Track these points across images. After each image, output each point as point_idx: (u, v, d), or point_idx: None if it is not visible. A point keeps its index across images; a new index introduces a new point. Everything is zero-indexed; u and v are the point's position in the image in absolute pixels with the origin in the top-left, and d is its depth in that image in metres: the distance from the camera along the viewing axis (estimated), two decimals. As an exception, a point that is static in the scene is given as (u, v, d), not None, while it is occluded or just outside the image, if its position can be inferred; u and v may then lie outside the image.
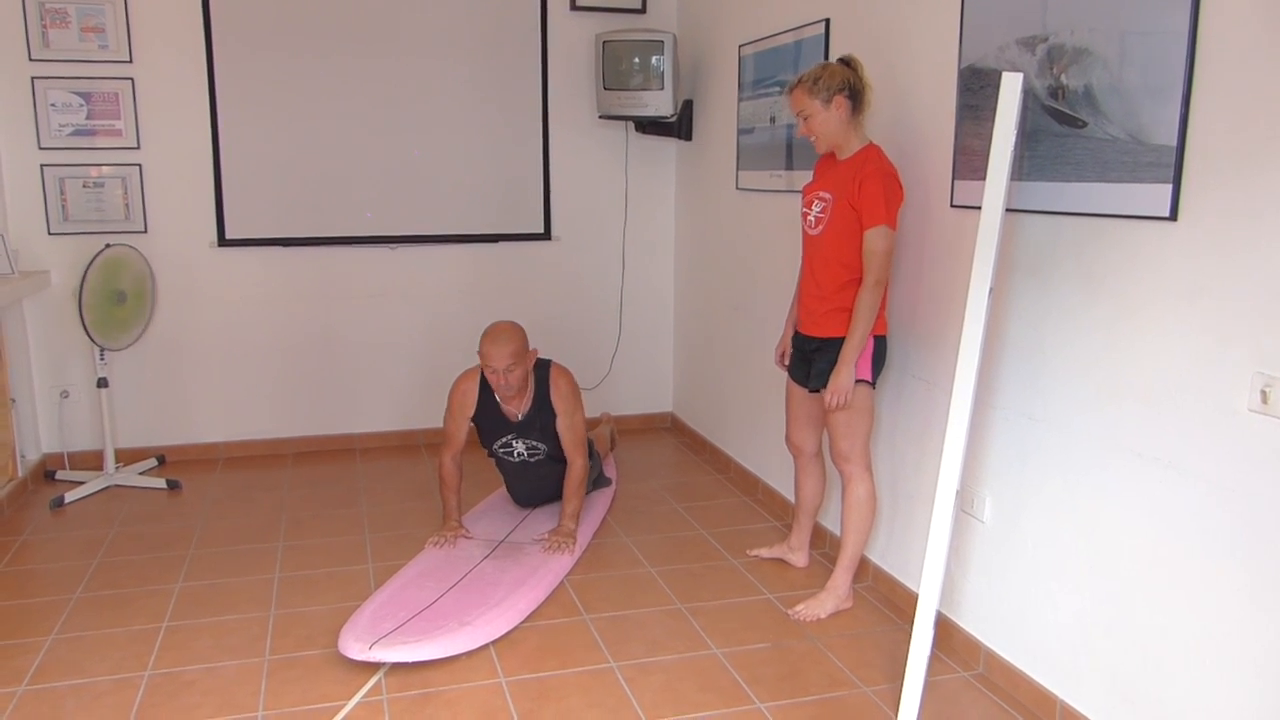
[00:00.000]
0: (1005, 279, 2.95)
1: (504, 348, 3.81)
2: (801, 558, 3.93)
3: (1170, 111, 2.35)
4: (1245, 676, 2.26)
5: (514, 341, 3.84)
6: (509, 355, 3.81)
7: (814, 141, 3.37)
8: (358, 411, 5.63)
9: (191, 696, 2.97)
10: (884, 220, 3.19)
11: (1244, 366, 2.22)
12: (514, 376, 3.84)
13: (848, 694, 3.01)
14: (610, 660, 3.20)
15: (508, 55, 5.48)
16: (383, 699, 2.96)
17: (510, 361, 3.81)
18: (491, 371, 3.84)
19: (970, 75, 3.07)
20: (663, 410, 6.15)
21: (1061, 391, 2.77)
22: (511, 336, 3.85)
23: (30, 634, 3.38)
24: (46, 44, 4.86)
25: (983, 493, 3.11)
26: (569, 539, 3.96)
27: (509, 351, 3.81)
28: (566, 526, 4.02)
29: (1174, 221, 2.38)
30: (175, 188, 5.15)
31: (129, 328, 4.93)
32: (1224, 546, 2.30)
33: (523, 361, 3.86)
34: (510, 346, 3.82)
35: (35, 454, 5.12)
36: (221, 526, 4.40)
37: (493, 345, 3.82)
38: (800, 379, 3.61)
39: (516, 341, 3.85)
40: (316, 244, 5.37)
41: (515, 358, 3.82)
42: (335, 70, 5.24)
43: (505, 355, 3.80)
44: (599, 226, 5.82)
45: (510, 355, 3.81)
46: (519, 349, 3.84)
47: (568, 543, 3.94)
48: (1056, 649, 2.84)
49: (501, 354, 3.80)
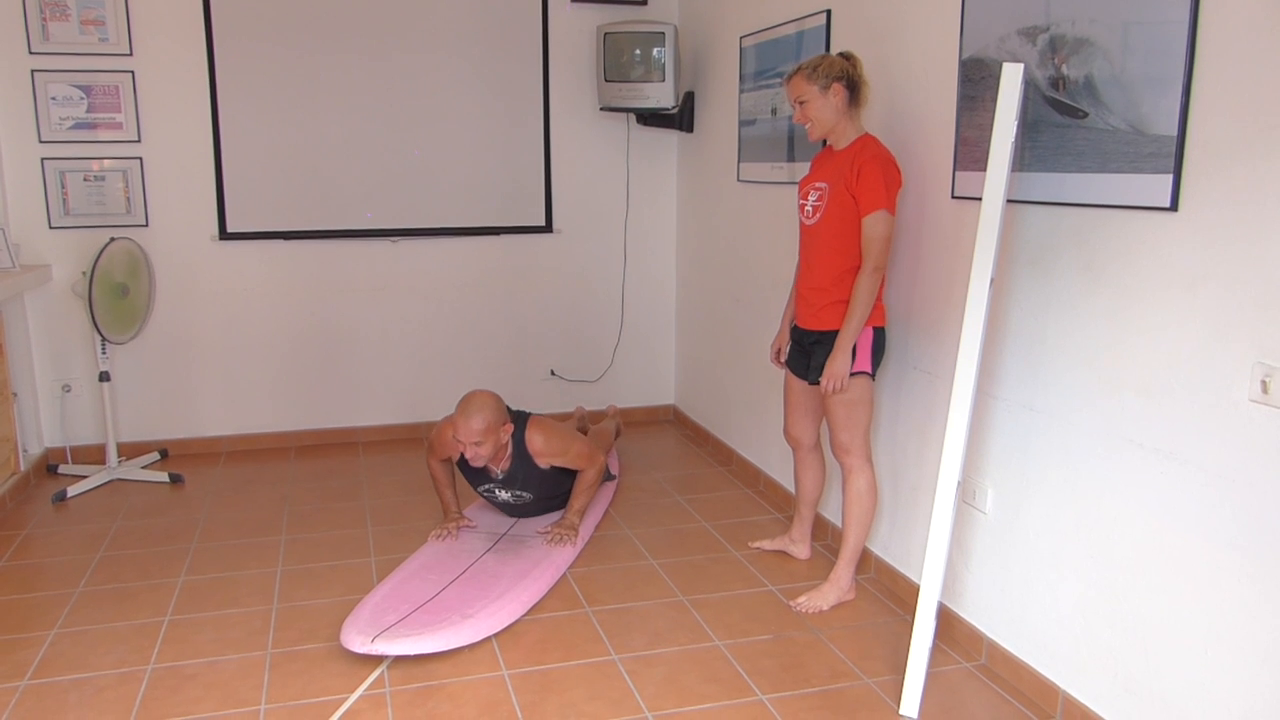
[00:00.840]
0: (1006, 270, 2.95)
1: (473, 423, 3.68)
2: (803, 550, 3.93)
3: (1171, 102, 2.35)
4: (1247, 666, 2.26)
5: (485, 417, 3.70)
6: (478, 432, 3.68)
7: (808, 128, 3.37)
8: (360, 405, 5.64)
9: (194, 690, 2.98)
10: (883, 205, 3.19)
11: (1244, 357, 2.22)
12: (482, 450, 3.72)
13: (850, 685, 3.01)
14: (612, 652, 3.21)
15: (509, 47, 5.48)
16: (385, 692, 2.97)
17: (479, 438, 3.68)
18: (459, 444, 3.74)
19: (971, 66, 3.06)
20: (664, 403, 6.15)
21: (1062, 382, 2.77)
22: (483, 412, 3.70)
23: (33, 628, 3.39)
24: (46, 37, 4.85)
25: (984, 484, 3.11)
26: (571, 531, 3.95)
27: (478, 429, 3.68)
28: (570, 520, 4.01)
29: (1175, 212, 2.38)
30: (176, 181, 5.15)
31: (132, 321, 4.93)
32: (1225, 536, 2.30)
33: (492, 437, 3.72)
34: (480, 423, 3.68)
35: (37, 448, 5.12)
36: (224, 520, 4.41)
37: (462, 419, 3.69)
38: (799, 371, 3.60)
39: (488, 417, 3.70)
40: (318, 237, 5.37)
41: (484, 434, 3.69)
42: (336, 62, 5.23)
43: (474, 431, 3.68)
44: (600, 219, 5.82)
45: (479, 432, 3.68)
46: (489, 425, 3.70)
47: (569, 535, 3.93)
48: (1058, 639, 2.85)
49: (470, 430, 3.68)
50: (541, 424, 3.96)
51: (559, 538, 3.92)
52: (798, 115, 3.38)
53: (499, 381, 5.74)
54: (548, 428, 3.96)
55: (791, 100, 3.37)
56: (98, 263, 4.61)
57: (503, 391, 5.72)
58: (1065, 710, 2.81)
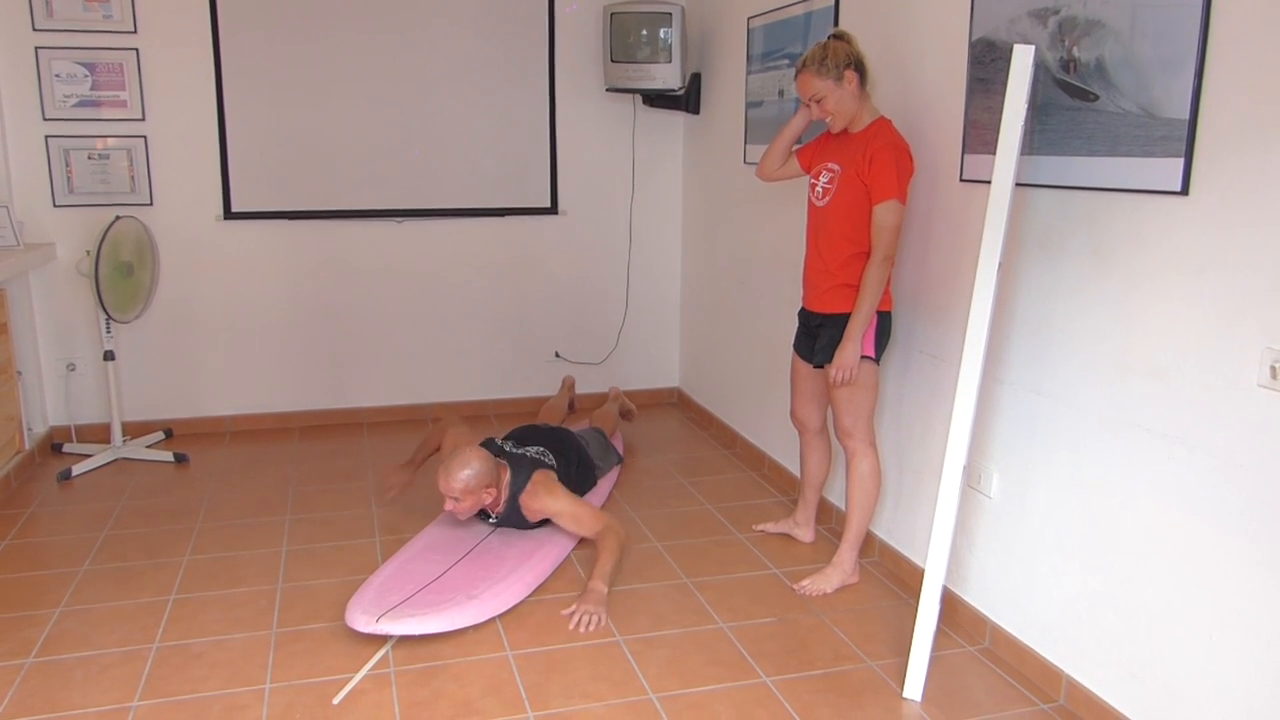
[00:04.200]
0: (1014, 254, 2.93)
1: (454, 480, 3.59)
2: (807, 533, 3.93)
3: (1183, 84, 2.33)
4: (1252, 651, 2.26)
5: (467, 474, 3.59)
6: (458, 489, 3.59)
7: (829, 122, 3.33)
8: (365, 386, 5.63)
9: (199, 669, 2.99)
10: (895, 194, 3.17)
11: (1254, 342, 2.21)
12: (462, 507, 3.63)
13: (853, 668, 3.01)
14: (617, 634, 3.21)
15: (515, 27, 5.45)
16: (390, 671, 2.98)
17: (458, 495, 3.60)
18: (442, 494, 3.67)
19: (981, 48, 3.04)
20: (669, 385, 6.14)
21: (1069, 366, 2.76)
22: (467, 471, 3.60)
23: (38, 606, 3.40)
24: (50, 13, 4.83)
25: (989, 468, 3.11)
26: (599, 607, 3.35)
27: (458, 487, 3.58)
28: (596, 590, 3.41)
29: (1185, 196, 2.36)
30: (181, 160, 5.13)
31: (137, 300, 4.92)
32: (1232, 522, 2.29)
33: (472, 497, 3.61)
34: (460, 481, 3.59)
35: (42, 427, 5.13)
36: (229, 500, 4.41)
37: (444, 474, 3.60)
38: (805, 354, 3.60)
39: (468, 476, 3.59)
40: (323, 217, 5.36)
41: (464, 494, 3.60)
42: (341, 41, 5.21)
43: (454, 488, 3.59)
44: (606, 200, 5.80)
45: (460, 489, 3.59)
46: (469, 487, 3.59)
47: (598, 611, 3.33)
48: (1063, 624, 2.84)
49: (450, 485, 3.59)
50: (548, 485, 3.79)
51: (586, 617, 3.30)
52: (816, 112, 3.32)
53: (504, 363, 5.74)
54: (553, 491, 3.77)
55: (806, 99, 3.32)
56: (103, 242, 4.60)
57: (508, 373, 5.74)
58: (1069, 694, 2.81)
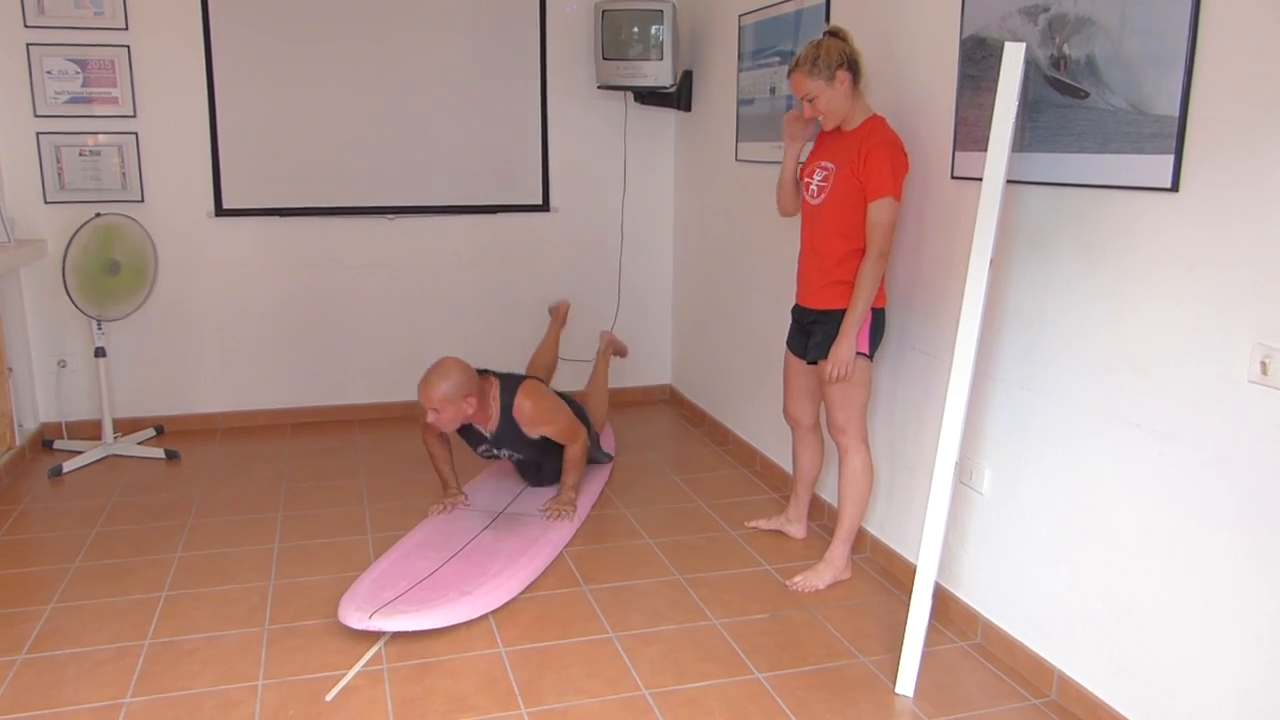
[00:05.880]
0: (1005, 251, 2.94)
1: (433, 391, 3.64)
2: (799, 529, 3.94)
3: (1173, 81, 2.34)
4: (1243, 645, 2.27)
5: (442, 386, 3.64)
6: (436, 399, 3.64)
7: (822, 120, 3.35)
8: (356, 382, 5.63)
9: (192, 665, 2.99)
10: (890, 192, 3.18)
11: (1244, 337, 2.22)
12: (443, 417, 3.68)
13: (846, 664, 3.02)
14: (610, 631, 3.22)
15: (507, 24, 5.45)
16: (383, 668, 2.98)
17: (437, 404, 3.64)
18: (423, 408, 3.72)
19: (972, 45, 3.05)
20: (661, 382, 6.15)
21: (1061, 363, 2.77)
22: (445, 380, 3.66)
23: (29, 603, 3.39)
24: (42, 10, 4.82)
25: (981, 464, 3.12)
26: (569, 506, 4.01)
27: (437, 396, 3.64)
28: (566, 495, 4.05)
29: (1175, 192, 2.37)
30: (172, 157, 5.12)
31: (123, 299, 4.88)
32: (1222, 517, 2.30)
33: (452, 406, 3.67)
34: (439, 390, 3.64)
35: (33, 423, 5.11)
36: (220, 496, 4.41)
37: (424, 385, 3.66)
38: (799, 351, 3.60)
39: (449, 385, 3.65)
40: (315, 214, 5.35)
41: (443, 403, 3.65)
42: (333, 38, 5.20)
43: (433, 398, 3.64)
44: (598, 198, 5.80)
45: (438, 399, 3.64)
46: (447, 395, 3.65)
47: (568, 510, 3.99)
48: (1054, 619, 2.86)
49: (429, 395, 3.64)
50: (532, 391, 3.95)
51: (558, 513, 3.97)
52: (808, 111, 3.33)
53: (495, 360, 5.73)
54: (537, 395, 3.96)
55: (798, 97, 3.34)
56: (73, 239, 4.61)
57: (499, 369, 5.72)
58: (1060, 689, 2.83)
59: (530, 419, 3.90)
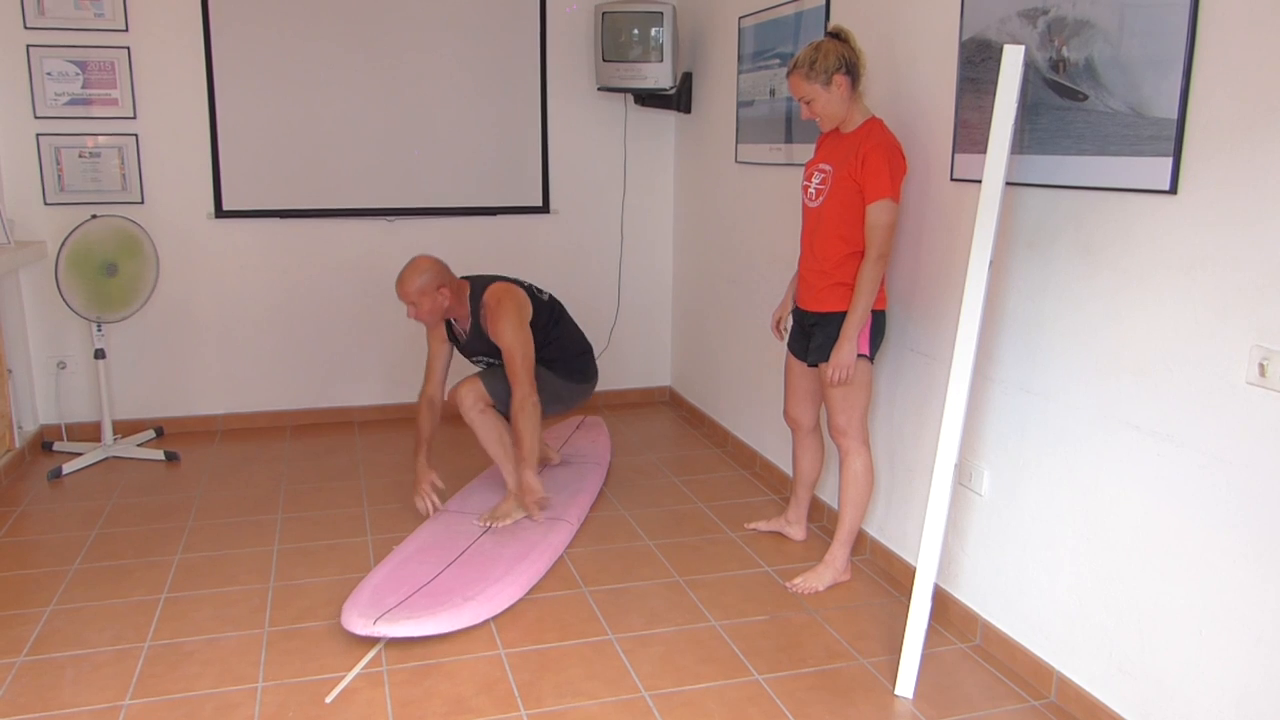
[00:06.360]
0: (1004, 253, 2.95)
1: (407, 285, 3.79)
2: (799, 531, 3.94)
3: (1171, 84, 2.34)
4: (1242, 647, 2.27)
5: (416, 280, 3.78)
6: (413, 292, 3.78)
7: (819, 122, 3.36)
8: (357, 384, 5.63)
9: (192, 667, 2.99)
10: (888, 193, 3.18)
11: (1242, 340, 2.22)
12: (421, 312, 3.82)
13: (845, 665, 3.02)
14: (609, 632, 3.22)
15: (507, 25, 5.45)
16: (383, 670, 2.98)
17: (413, 299, 3.79)
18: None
19: (972, 47, 3.05)
20: (661, 384, 6.15)
21: (1060, 365, 2.77)
22: (416, 275, 3.79)
23: (29, 604, 3.39)
24: (42, 11, 4.82)
25: (980, 466, 3.12)
26: (533, 495, 3.84)
27: (410, 288, 3.78)
28: (526, 481, 3.85)
29: (1174, 195, 2.38)
30: (172, 158, 5.13)
31: (121, 301, 4.87)
32: (1221, 519, 2.31)
33: (427, 299, 3.80)
34: (411, 285, 3.78)
35: (32, 425, 5.12)
36: (220, 498, 4.41)
37: (399, 283, 3.81)
38: (799, 353, 3.61)
39: (420, 280, 3.78)
40: (315, 216, 5.36)
41: (419, 295, 3.78)
42: (333, 40, 5.20)
43: (407, 292, 3.79)
44: (597, 199, 5.81)
45: (415, 293, 3.78)
46: (421, 287, 3.78)
47: (533, 502, 3.84)
48: (1053, 621, 2.86)
49: (405, 290, 3.79)
50: (500, 289, 3.92)
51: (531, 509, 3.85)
52: (805, 113, 3.35)
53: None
54: (502, 292, 3.91)
55: (796, 98, 3.35)
56: (66, 241, 4.63)
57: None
58: (1060, 691, 2.83)
59: (490, 314, 3.89)
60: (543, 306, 4.07)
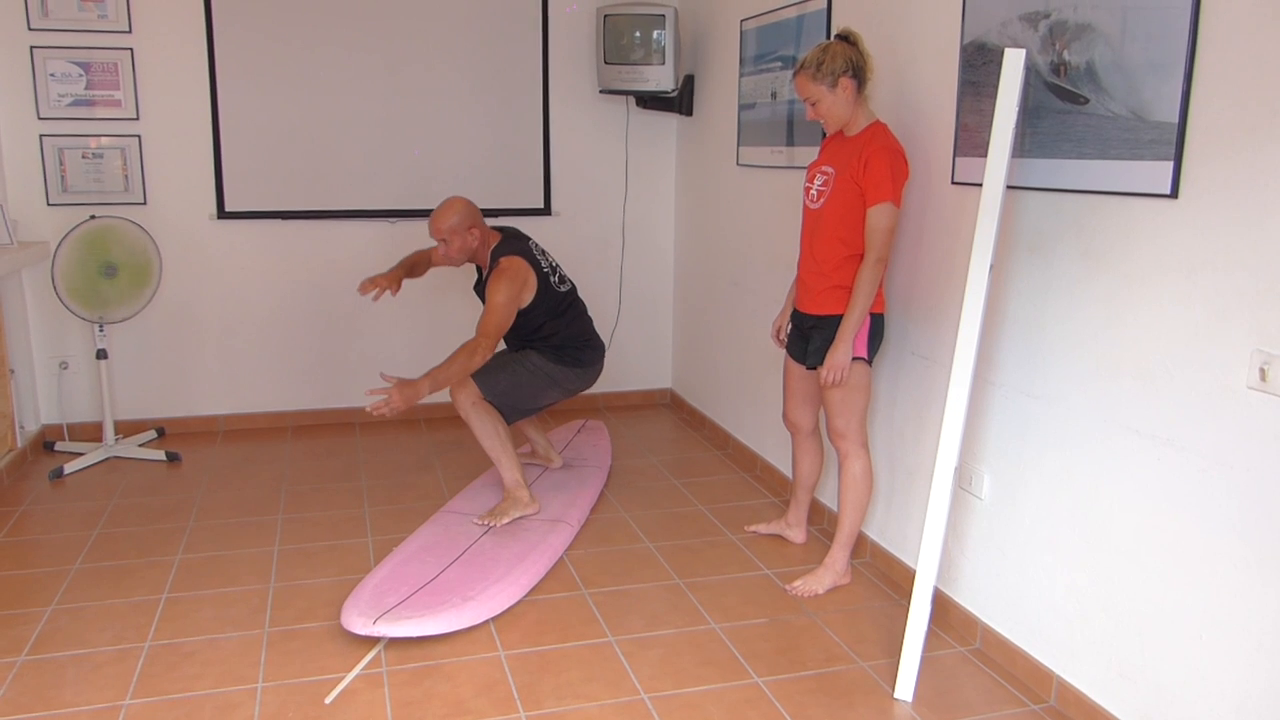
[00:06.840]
0: (1005, 256, 2.95)
1: (439, 222, 3.95)
2: (799, 534, 3.94)
3: (1172, 88, 2.34)
4: (1243, 652, 2.27)
5: (450, 218, 3.94)
6: (443, 230, 3.95)
7: (824, 124, 3.36)
8: (357, 385, 5.62)
9: (192, 667, 2.99)
10: (889, 197, 3.18)
11: (1243, 343, 2.22)
12: (451, 250, 3.98)
13: (845, 669, 3.02)
14: (609, 634, 3.22)
15: (509, 28, 5.46)
16: (382, 671, 2.98)
17: (444, 235, 3.96)
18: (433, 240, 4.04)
19: (973, 51, 3.05)
20: (662, 386, 6.15)
21: (1060, 368, 2.77)
22: (449, 213, 3.95)
23: (30, 604, 3.40)
24: (46, 13, 4.83)
25: (981, 469, 3.12)
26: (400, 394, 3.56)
27: (443, 226, 3.94)
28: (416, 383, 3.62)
29: (1175, 199, 2.38)
30: (175, 159, 5.13)
31: (119, 301, 4.86)
32: (1221, 523, 2.31)
33: (458, 238, 3.96)
34: (445, 222, 3.94)
35: (34, 425, 5.12)
36: (221, 499, 4.41)
37: (432, 218, 3.97)
38: (798, 356, 3.61)
39: (453, 218, 3.94)
40: (316, 217, 5.36)
41: (450, 233, 3.94)
42: (335, 42, 5.21)
43: (439, 229, 3.96)
44: (599, 202, 5.81)
45: (445, 230, 3.94)
46: (453, 226, 3.94)
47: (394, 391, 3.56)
48: (1053, 625, 2.86)
49: (438, 226, 3.96)
50: (514, 260, 3.95)
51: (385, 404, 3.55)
52: (810, 114, 3.35)
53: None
54: (514, 263, 3.94)
55: (801, 99, 3.35)
56: (63, 242, 4.64)
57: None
58: (1059, 695, 2.83)
59: (495, 274, 3.94)
60: (552, 297, 4.10)
